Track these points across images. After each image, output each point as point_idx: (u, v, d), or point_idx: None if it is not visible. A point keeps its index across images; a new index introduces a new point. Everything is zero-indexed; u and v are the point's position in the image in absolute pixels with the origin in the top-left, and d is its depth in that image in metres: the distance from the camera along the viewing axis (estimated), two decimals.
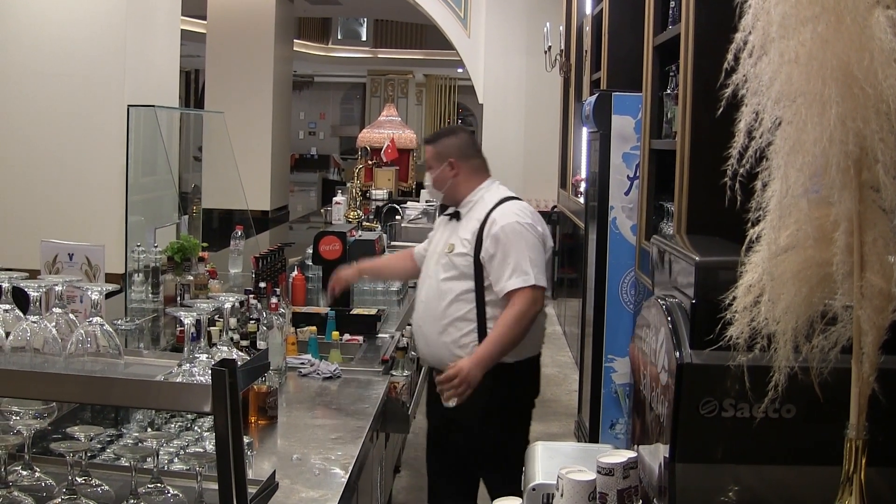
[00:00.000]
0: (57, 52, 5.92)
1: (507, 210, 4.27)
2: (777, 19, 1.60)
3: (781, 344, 1.81)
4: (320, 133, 25.27)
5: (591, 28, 8.17)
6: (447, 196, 4.48)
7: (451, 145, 4.47)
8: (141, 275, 5.18)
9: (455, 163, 4.41)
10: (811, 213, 1.71)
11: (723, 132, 3.63)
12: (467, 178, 4.43)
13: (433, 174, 4.46)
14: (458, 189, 4.43)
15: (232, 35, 12.12)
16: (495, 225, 4.21)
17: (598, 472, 2.21)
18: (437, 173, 4.44)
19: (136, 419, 3.30)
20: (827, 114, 1.55)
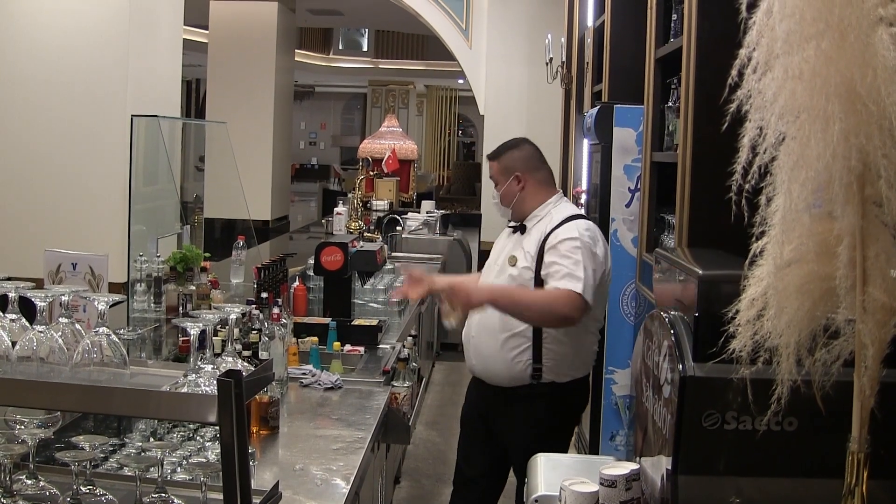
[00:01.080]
0: (59, 61, 5.93)
1: (571, 227, 4.17)
2: (781, 36, 1.62)
3: (784, 357, 1.82)
4: (321, 143, 25.30)
5: (592, 40, 8.17)
6: (515, 211, 4.37)
7: (516, 158, 4.40)
8: (143, 284, 5.20)
9: (522, 176, 4.34)
10: (814, 227, 1.72)
11: (725, 145, 3.63)
12: (535, 191, 4.36)
13: (500, 189, 4.37)
14: (525, 203, 4.35)
15: (233, 45, 12.13)
16: (557, 238, 4.13)
17: (600, 484, 2.22)
18: (505, 188, 4.36)
19: (138, 429, 3.31)
20: (830, 130, 1.57)
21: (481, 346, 4.30)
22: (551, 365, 4.18)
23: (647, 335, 2.66)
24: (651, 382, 2.54)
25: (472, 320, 4.32)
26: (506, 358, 4.20)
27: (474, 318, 4.29)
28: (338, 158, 24.89)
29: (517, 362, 4.18)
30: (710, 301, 2.26)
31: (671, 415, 2.27)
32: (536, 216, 4.32)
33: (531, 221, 4.32)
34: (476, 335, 4.32)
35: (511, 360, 4.19)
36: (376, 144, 11.48)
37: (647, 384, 2.61)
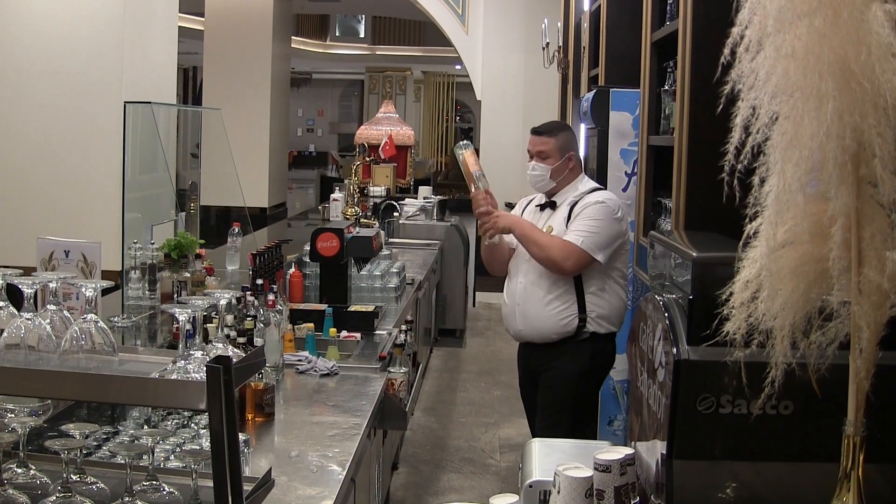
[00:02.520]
0: (54, 48, 5.91)
1: (598, 194, 4.70)
2: (774, 13, 1.59)
3: (779, 340, 1.80)
4: (318, 130, 25.27)
5: (588, 24, 8.14)
6: (556, 188, 4.78)
7: (571, 139, 4.87)
8: (138, 272, 5.17)
9: (573, 156, 4.78)
10: (808, 208, 1.70)
11: (721, 128, 3.61)
12: (576, 170, 4.81)
13: (552, 165, 4.73)
14: (566, 180, 4.78)
15: (230, 32, 12.10)
16: (585, 203, 4.63)
17: (595, 469, 2.20)
18: (558, 165, 4.73)
19: (132, 416, 3.30)
20: (824, 108, 1.54)
21: (529, 311, 4.73)
22: (594, 316, 4.65)
23: (641, 318, 2.64)
24: (646, 366, 2.52)
25: (514, 290, 4.79)
26: (554, 315, 4.64)
27: (517, 288, 4.77)
28: (335, 145, 24.87)
29: (565, 317, 4.64)
30: (704, 284, 2.24)
31: (666, 398, 2.25)
32: (567, 192, 4.77)
33: (561, 197, 4.77)
34: (522, 303, 4.75)
35: (559, 316, 4.64)
36: (373, 131, 11.42)
37: (641, 368, 2.59)
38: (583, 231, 4.55)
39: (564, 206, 4.73)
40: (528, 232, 4.67)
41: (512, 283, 4.85)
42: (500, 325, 11.11)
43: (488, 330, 11.10)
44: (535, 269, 4.69)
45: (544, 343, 4.75)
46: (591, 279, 4.66)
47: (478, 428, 7.42)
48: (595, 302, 4.67)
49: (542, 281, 4.68)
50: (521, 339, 4.90)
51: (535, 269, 4.70)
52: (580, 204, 4.65)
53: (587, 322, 4.66)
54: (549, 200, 4.82)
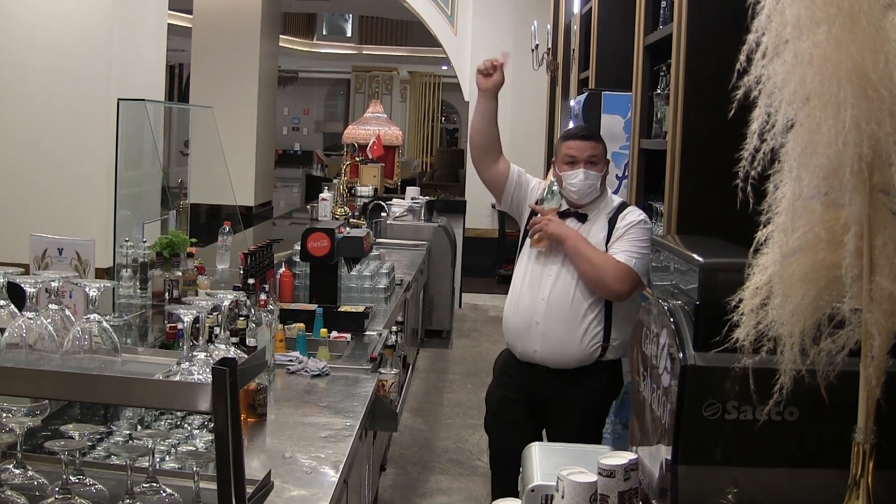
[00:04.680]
0: (43, 45, 5.86)
1: (635, 211, 4.41)
2: (791, 20, 1.59)
3: (788, 347, 1.80)
4: (304, 129, 25.22)
5: (578, 27, 8.15)
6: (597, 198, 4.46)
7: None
8: (129, 270, 5.15)
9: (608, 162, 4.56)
10: (821, 215, 1.70)
11: (715, 133, 3.66)
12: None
13: (601, 172, 4.45)
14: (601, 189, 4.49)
15: (218, 29, 12.06)
16: (630, 215, 4.36)
17: (598, 474, 2.20)
18: (605, 173, 4.49)
19: (125, 416, 3.27)
20: (842, 116, 1.54)
21: (553, 333, 4.34)
22: (616, 344, 4.35)
23: (644, 323, 2.64)
24: (649, 371, 2.52)
25: (536, 309, 4.38)
26: (580, 340, 4.31)
27: (539, 307, 4.37)
28: (321, 144, 24.83)
29: (591, 343, 4.32)
30: (711, 290, 2.25)
31: (671, 404, 2.25)
32: (598, 204, 4.46)
33: (593, 210, 4.45)
34: (544, 322, 4.35)
35: (586, 341, 4.32)
36: (361, 130, 11.41)
37: (644, 373, 2.59)
38: (634, 253, 4.25)
39: (600, 220, 4.41)
40: (582, 247, 4.30)
41: (529, 299, 4.42)
42: (486, 327, 11.18)
43: (474, 331, 11.11)
44: (566, 286, 4.34)
45: (559, 370, 4.39)
46: (621, 304, 4.36)
47: (465, 429, 7.42)
48: (620, 328, 4.36)
49: (572, 301, 4.33)
50: (532, 361, 4.44)
51: (565, 286, 4.34)
52: (622, 221, 4.35)
53: (608, 350, 4.36)
54: (575, 211, 4.45)
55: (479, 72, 4.59)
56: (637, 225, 4.33)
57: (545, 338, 4.36)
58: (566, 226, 4.38)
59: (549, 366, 4.39)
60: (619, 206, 4.45)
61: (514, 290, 4.53)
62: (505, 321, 4.58)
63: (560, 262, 4.37)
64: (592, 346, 4.32)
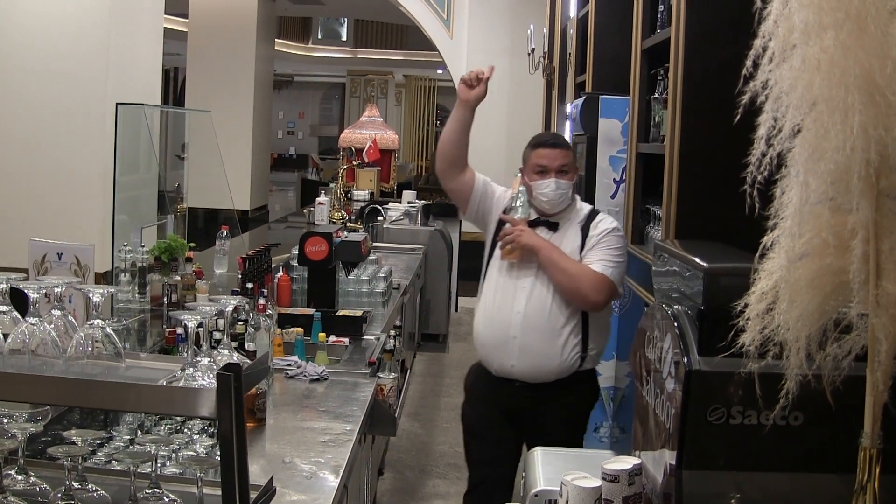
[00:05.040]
0: (39, 48, 5.85)
1: (607, 219, 4.39)
2: (799, 26, 1.59)
3: (794, 352, 1.80)
4: (299, 133, 25.20)
5: (575, 31, 8.16)
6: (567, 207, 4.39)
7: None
8: (127, 274, 5.14)
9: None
10: (828, 220, 1.70)
11: (714, 137, 3.67)
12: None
13: (572, 181, 4.35)
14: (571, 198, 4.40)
15: (213, 33, 12.06)
16: (603, 223, 4.33)
17: (603, 479, 2.20)
18: (575, 181, 4.40)
19: (125, 421, 3.27)
20: (849, 121, 1.54)
21: (532, 346, 4.25)
22: (593, 353, 4.34)
23: (647, 328, 2.64)
24: (652, 376, 2.52)
25: (511, 322, 4.28)
26: (560, 351, 4.24)
27: (515, 319, 4.27)
28: (316, 148, 24.82)
29: (570, 354, 4.25)
30: (715, 294, 2.25)
31: (675, 409, 2.24)
32: (569, 212, 4.39)
33: (563, 218, 4.38)
34: (521, 335, 4.25)
35: (565, 352, 4.25)
36: (357, 134, 11.43)
37: (647, 378, 2.58)
38: (610, 262, 4.21)
39: (572, 229, 4.35)
40: (557, 257, 4.20)
41: (504, 312, 4.31)
42: None
43: (471, 335, 11.07)
44: (542, 297, 4.24)
45: (537, 383, 4.30)
46: (597, 313, 4.31)
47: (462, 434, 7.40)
48: (595, 338, 4.32)
49: (549, 312, 4.23)
50: (509, 376, 4.34)
51: (541, 297, 4.25)
52: (595, 229, 4.30)
53: (585, 360, 4.31)
54: (546, 220, 4.37)
55: (464, 81, 4.44)
56: (611, 233, 4.28)
57: (523, 351, 4.26)
58: (539, 236, 4.29)
59: (528, 380, 4.31)
60: (591, 214, 4.40)
61: (486, 303, 4.42)
62: (477, 337, 4.50)
63: (534, 273, 4.28)
64: (572, 357, 4.25)
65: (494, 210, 4.49)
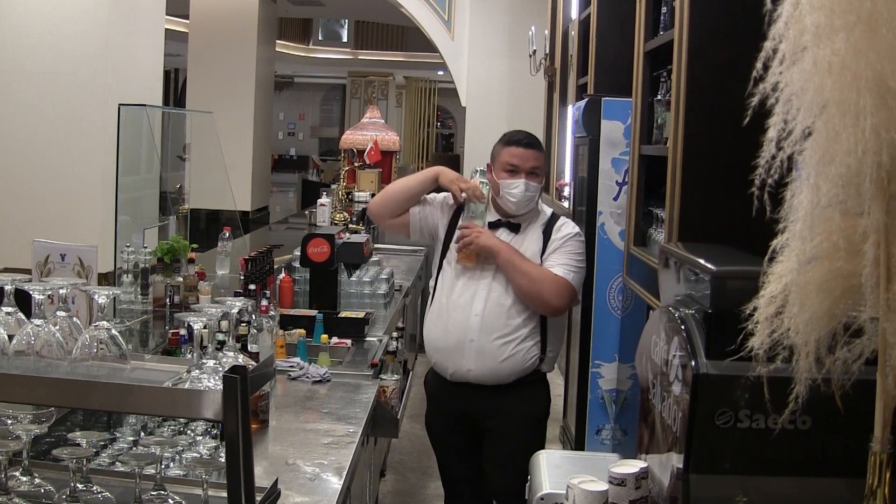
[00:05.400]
0: (40, 50, 5.84)
1: (569, 223, 4.33)
2: (810, 28, 1.59)
3: (803, 355, 1.79)
4: (299, 134, 25.17)
5: (577, 32, 8.15)
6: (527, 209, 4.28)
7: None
8: (130, 276, 5.14)
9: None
10: (839, 224, 1.69)
11: (717, 139, 3.66)
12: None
13: (541, 183, 4.27)
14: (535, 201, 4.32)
15: (214, 34, 12.04)
16: (566, 228, 4.27)
17: (609, 483, 2.20)
18: (540, 185, 4.27)
19: (128, 423, 3.26)
20: (861, 124, 1.53)
21: (487, 348, 4.17)
22: (551, 356, 4.30)
23: (653, 331, 2.63)
24: (659, 379, 2.51)
25: (465, 322, 4.19)
26: (518, 354, 4.18)
27: (473, 322, 4.18)
28: (316, 149, 24.80)
29: (528, 357, 4.21)
30: (723, 298, 2.24)
31: (682, 413, 2.24)
32: (533, 215, 4.31)
33: (526, 220, 4.30)
34: (478, 338, 4.17)
35: (524, 355, 4.19)
36: (358, 135, 11.41)
37: (653, 381, 2.58)
38: (571, 266, 4.16)
39: (534, 231, 4.27)
40: (517, 260, 4.13)
41: (460, 316, 4.22)
42: None
43: None
44: (499, 300, 4.17)
45: (495, 385, 4.22)
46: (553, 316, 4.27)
47: None
48: (554, 341, 4.29)
49: (506, 313, 4.17)
50: (464, 380, 4.26)
51: (498, 300, 4.17)
52: (557, 233, 4.23)
53: (543, 362, 4.27)
54: (507, 221, 4.29)
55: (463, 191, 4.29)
56: (573, 238, 4.24)
57: (480, 354, 4.18)
58: (497, 238, 4.20)
59: (485, 383, 4.23)
60: (552, 218, 4.33)
61: (439, 308, 4.32)
62: (430, 342, 4.37)
63: (491, 275, 4.20)
64: (530, 359, 4.20)
65: (440, 218, 4.41)
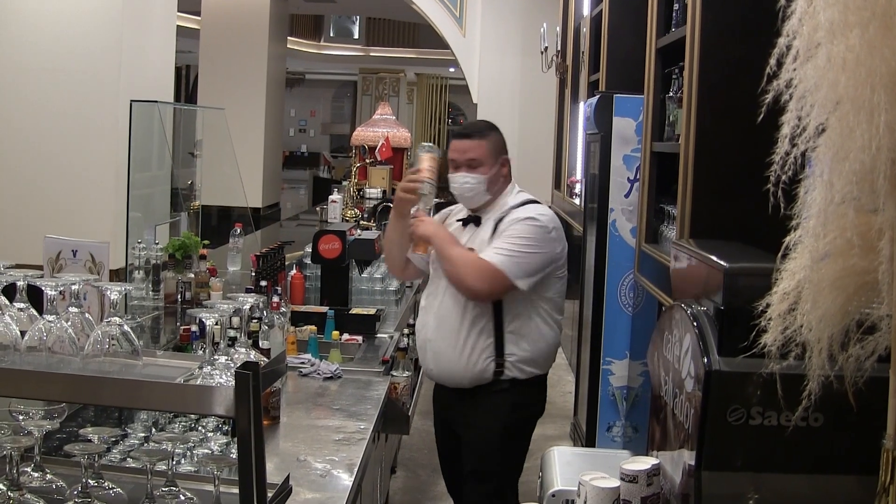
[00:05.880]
0: (52, 47, 5.86)
1: (528, 208, 4.01)
2: (824, 24, 1.58)
3: (816, 352, 1.79)
4: (311, 130, 25.20)
5: (588, 29, 8.15)
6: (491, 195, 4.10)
7: (501, 141, 4.14)
8: (141, 272, 5.15)
9: (507, 161, 4.13)
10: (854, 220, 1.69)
11: (729, 135, 3.66)
12: (507, 180, 4.14)
13: (486, 174, 4.02)
14: (500, 191, 4.11)
15: (226, 31, 12.06)
16: (517, 213, 3.97)
17: (621, 479, 2.19)
18: (494, 172, 4.04)
19: (140, 419, 3.27)
20: (875, 121, 1.53)
21: (441, 351, 4.07)
22: (514, 360, 4.01)
23: (665, 328, 2.63)
24: (671, 376, 2.51)
25: (428, 324, 4.13)
26: (467, 358, 4.00)
27: (431, 322, 4.11)
28: (327, 146, 24.83)
29: (480, 359, 3.99)
30: (735, 294, 2.24)
31: (694, 409, 2.24)
32: (496, 206, 4.11)
33: (487, 212, 4.12)
34: (434, 339, 4.09)
35: (473, 359, 3.99)
36: (370, 132, 11.43)
37: (665, 378, 2.57)
38: (504, 249, 3.87)
39: (489, 222, 4.04)
40: (447, 246, 3.97)
41: (425, 314, 4.17)
42: None
43: None
44: (451, 297, 4.02)
45: (458, 389, 4.10)
46: (512, 314, 3.99)
47: None
48: (516, 343, 4.00)
49: (456, 313, 4.01)
50: (433, 380, 4.25)
51: (450, 297, 4.03)
52: (506, 220, 3.97)
53: (505, 368, 3.99)
54: (474, 215, 4.14)
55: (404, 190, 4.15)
56: (521, 222, 3.93)
57: (437, 355, 4.09)
58: (436, 225, 4.09)
59: (446, 384, 4.16)
60: (516, 206, 4.04)
61: (420, 306, 4.31)
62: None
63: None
64: (482, 362, 3.98)
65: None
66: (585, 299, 6.45)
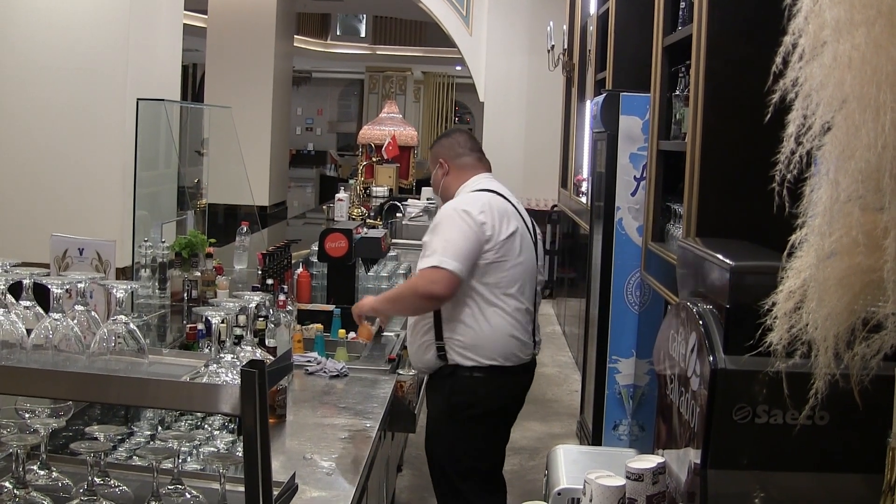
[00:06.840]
0: (60, 46, 5.87)
1: (458, 200, 4.35)
2: (830, 23, 1.58)
3: (822, 351, 1.79)
4: (317, 129, 25.23)
5: (595, 28, 8.15)
6: (443, 197, 4.58)
7: (442, 145, 4.59)
8: (147, 270, 5.15)
9: (444, 162, 4.52)
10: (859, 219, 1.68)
11: (735, 134, 3.65)
12: (457, 176, 4.49)
13: (432, 177, 4.60)
14: (449, 188, 4.51)
15: (233, 30, 12.08)
16: (444, 208, 4.36)
17: (627, 478, 2.19)
18: (433, 175, 4.59)
19: (146, 417, 3.27)
20: (881, 119, 1.52)
21: (408, 341, 4.52)
22: (455, 346, 4.24)
23: (671, 326, 2.62)
24: (677, 374, 2.51)
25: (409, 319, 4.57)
26: (419, 344, 4.35)
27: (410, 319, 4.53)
28: (334, 144, 24.85)
29: (424, 345, 4.32)
30: (741, 293, 2.24)
31: (700, 408, 2.23)
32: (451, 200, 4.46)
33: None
34: (407, 333, 4.55)
35: (421, 345, 4.33)
36: (376, 131, 11.42)
37: (671, 376, 2.57)
38: (431, 248, 4.17)
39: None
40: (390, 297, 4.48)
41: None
42: None
43: None
44: None
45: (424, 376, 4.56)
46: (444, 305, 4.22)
47: None
48: (454, 328, 4.23)
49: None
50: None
51: None
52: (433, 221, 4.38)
53: (447, 353, 4.24)
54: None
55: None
56: (442, 215, 4.29)
57: (409, 348, 4.53)
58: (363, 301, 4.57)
59: (420, 373, 4.56)
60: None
61: None
62: None
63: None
64: (428, 348, 4.30)
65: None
66: (592, 298, 6.44)
